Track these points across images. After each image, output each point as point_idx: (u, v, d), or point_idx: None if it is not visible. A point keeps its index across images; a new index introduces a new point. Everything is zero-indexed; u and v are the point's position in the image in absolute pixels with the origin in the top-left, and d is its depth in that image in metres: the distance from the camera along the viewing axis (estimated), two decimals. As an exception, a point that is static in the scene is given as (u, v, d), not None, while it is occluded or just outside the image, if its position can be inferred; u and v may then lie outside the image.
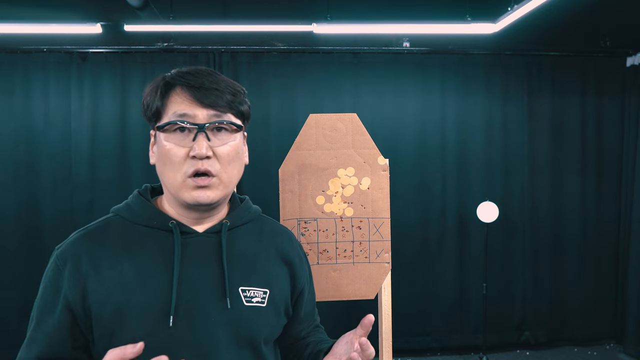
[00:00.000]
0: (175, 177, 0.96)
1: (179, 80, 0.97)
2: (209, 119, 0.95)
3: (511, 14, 3.22)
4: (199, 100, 0.95)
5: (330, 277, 1.61)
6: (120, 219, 1.01)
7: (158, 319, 0.93)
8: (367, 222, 1.62)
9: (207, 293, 0.97)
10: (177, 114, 0.95)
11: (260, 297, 1.01)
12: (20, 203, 3.87)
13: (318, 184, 1.60)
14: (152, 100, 0.98)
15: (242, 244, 1.05)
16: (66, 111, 3.91)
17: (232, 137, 0.99)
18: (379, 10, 3.77)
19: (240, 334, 0.98)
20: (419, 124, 4.16)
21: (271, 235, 1.10)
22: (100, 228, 1.00)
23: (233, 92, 0.98)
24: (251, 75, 4.03)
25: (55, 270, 0.96)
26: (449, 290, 4.20)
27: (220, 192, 0.98)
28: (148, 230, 0.99)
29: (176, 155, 0.95)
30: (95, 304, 0.93)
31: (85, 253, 0.96)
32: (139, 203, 1.02)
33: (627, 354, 4.16)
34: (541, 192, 4.27)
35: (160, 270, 0.96)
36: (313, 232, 1.60)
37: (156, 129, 0.98)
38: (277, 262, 1.08)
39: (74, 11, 3.71)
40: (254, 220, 1.10)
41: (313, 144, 1.61)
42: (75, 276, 0.94)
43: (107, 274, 0.95)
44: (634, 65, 4.24)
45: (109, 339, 0.93)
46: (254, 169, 3.97)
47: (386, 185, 1.63)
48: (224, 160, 0.97)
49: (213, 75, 0.98)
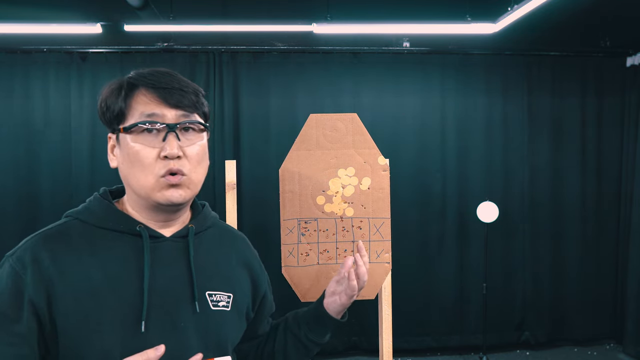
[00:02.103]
0: (146, 179, 0.93)
1: (143, 81, 0.94)
2: (177, 119, 0.94)
3: (511, 14, 3.22)
4: (166, 101, 0.93)
5: (330, 277, 1.61)
6: (81, 223, 0.96)
7: (130, 325, 0.90)
8: (367, 222, 1.62)
9: (176, 298, 0.96)
10: (145, 114, 0.92)
11: (225, 301, 1.02)
12: (20, 203, 3.87)
13: (318, 184, 1.60)
14: (114, 102, 0.95)
15: (206, 248, 1.04)
16: (66, 111, 3.91)
17: (199, 137, 0.98)
18: (379, 10, 3.77)
19: (208, 338, 0.98)
20: (419, 123, 4.16)
21: (231, 240, 1.12)
22: (60, 232, 0.95)
23: (196, 93, 0.98)
24: (251, 75, 4.03)
25: (13, 276, 0.88)
26: (449, 290, 4.20)
27: (190, 192, 0.97)
28: (114, 234, 0.95)
29: (146, 156, 0.93)
30: (62, 311, 0.88)
31: (47, 257, 0.90)
32: (102, 206, 0.98)
33: (626, 353, 4.16)
34: (541, 192, 4.27)
35: (130, 275, 0.93)
36: (313, 232, 1.60)
37: (122, 130, 0.94)
38: (238, 266, 1.09)
39: (74, 11, 3.71)
40: (214, 225, 1.10)
41: (313, 144, 1.61)
42: (39, 280, 0.88)
43: (73, 279, 0.89)
44: (634, 65, 4.24)
45: (77, 348, 0.88)
46: (254, 169, 3.97)
47: (386, 185, 1.63)
48: (193, 160, 0.96)
49: (175, 76, 0.97)
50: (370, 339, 4.05)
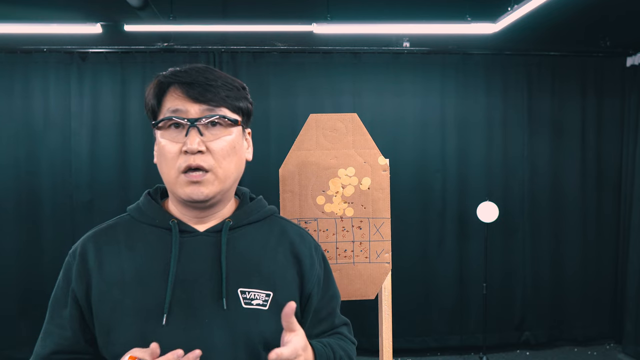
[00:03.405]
0: (169, 173, 0.96)
1: (171, 78, 0.97)
2: (201, 114, 0.95)
3: (511, 14, 3.22)
4: (191, 96, 0.95)
5: (330, 277, 1.61)
6: (130, 218, 1.04)
7: (151, 318, 0.93)
8: (367, 222, 1.62)
9: (203, 293, 0.95)
10: (170, 110, 0.96)
11: (262, 299, 0.98)
12: (20, 203, 3.87)
13: (318, 184, 1.60)
14: (150, 99, 0.99)
15: (247, 243, 1.02)
16: (66, 111, 3.91)
17: (227, 132, 0.98)
18: (379, 10, 3.77)
19: (236, 336, 0.95)
20: (419, 123, 4.16)
21: (280, 235, 1.06)
22: (111, 226, 1.03)
23: (229, 88, 0.98)
24: (251, 75, 4.03)
25: (67, 265, 1.01)
26: (449, 290, 4.20)
27: (216, 187, 0.97)
28: (151, 229, 1.00)
29: (170, 151, 0.96)
30: (96, 300, 0.96)
31: (92, 250, 0.99)
32: (145, 202, 1.04)
33: (625, 353, 4.17)
34: (541, 192, 4.27)
35: (158, 269, 0.96)
36: (313, 232, 1.60)
37: (152, 126, 0.99)
38: (286, 262, 1.04)
39: (74, 11, 3.71)
40: (264, 219, 1.07)
41: (313, 144, 1.61)
42: (82, 272, 0.97)
43: (108, 271, 0.97)
44: (634, 65, 4.24)
45: (107, 336, 0.94)
46: (254, 169, 3.97)
47: (386, 185, 1.63)
48: (217, 155, 0.96)
49: (209, 72, 0.98)
50: (370, 339, 4.04)
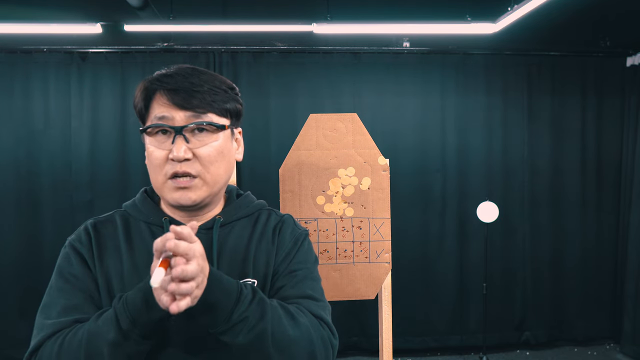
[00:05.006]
0: (157, 179, 0.99)
1: (157, 84, 0.97)
2: (187, 121, 0.96)
3: (511, 14, 3.22)
4: (176, 103, 0.95)
5: (330, 277, 1.61)
6: (126, 214, 1.06)
7: None
8: (367, 222, 1.62)
9: None
10: (157, 117, 0.97)
11: None
12: (20, 202, 3.87)
13: (318, 184, 1.60)
14: (138, 103, 1.01)
15: (235, 238, 1.05)
16: (66, 111, 3.91)
17: (214, 138, 0.99)
18: (379, 10, 3.77)
19: None
20: (419, 124, 4.16)
21: (265, 223, 1.08)
22: (108, 219, 1.06)
23: (215, 92, 0.98)
24: (251, 75, 4.03)
25: (71, 249, 1.01)
26: (449, 290, 4.20)
27: (204, 192, 0.99)
28: (146, 226, 1.03)
29: (157, 157, 0.97)
30: (107, 280, 0.99)
31: (95, 237, 1.02)
32: (141, 200, 1.07)
33: (623, 353, 4.17)
34: (541, 192, 4.27)
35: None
36: (313, 232, 1.60)
37: (140, 132, 1.01)
38: (267, 246, 1.05)
39: (74, 11, 3.71)
40: (253, 214, 1.09)
41: (313, 144, 1.61)
42: (89, 248, 1.00)
43: (109, 262, 0.99)
44: (634, 65, 4.24)
45: None
46: (254, 169, 3.97)
47: (386, 185, 1.63)
48: (205, 161, 0.97)
49: (195, 76, 0.98)
50: (370, 339, 4.04)
